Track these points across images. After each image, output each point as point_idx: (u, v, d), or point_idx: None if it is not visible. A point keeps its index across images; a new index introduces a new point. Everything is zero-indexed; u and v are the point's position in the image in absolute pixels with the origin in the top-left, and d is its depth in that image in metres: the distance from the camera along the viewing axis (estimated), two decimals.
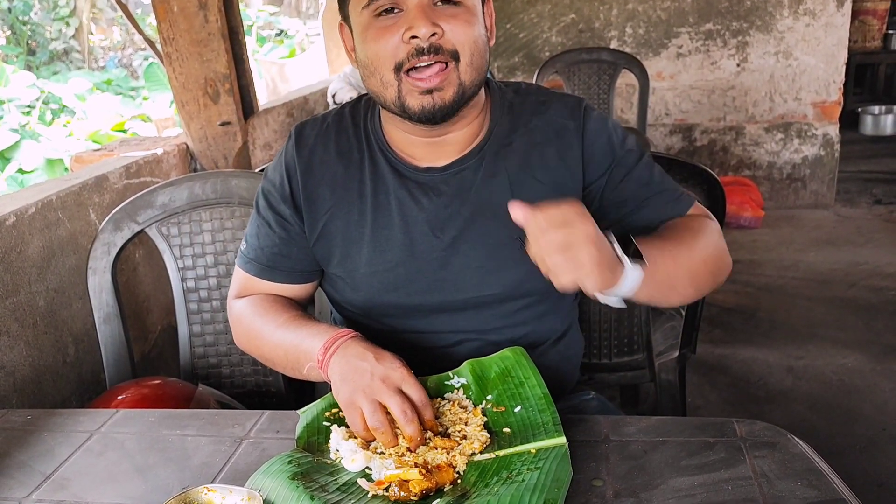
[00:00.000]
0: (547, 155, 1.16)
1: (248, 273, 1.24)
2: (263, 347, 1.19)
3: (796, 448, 0.95)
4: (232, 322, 1.26)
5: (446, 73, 1.05)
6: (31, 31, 14.34)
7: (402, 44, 1.04)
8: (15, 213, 1.62)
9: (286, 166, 1.20)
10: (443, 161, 1.16)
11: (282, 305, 1.21)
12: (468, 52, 1.06)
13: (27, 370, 1.63)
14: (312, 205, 1.18)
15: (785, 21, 4.28)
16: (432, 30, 1.02)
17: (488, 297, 1.18)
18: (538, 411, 1.00)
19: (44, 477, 1.00)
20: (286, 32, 14.62)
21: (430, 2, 1.04)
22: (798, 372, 2.77)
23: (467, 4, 1.06)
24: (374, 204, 1.16)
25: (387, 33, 1.04)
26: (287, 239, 1.21)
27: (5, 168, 7.41)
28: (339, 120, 1.21)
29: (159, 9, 2.15)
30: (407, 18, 1.03)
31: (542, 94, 1.21)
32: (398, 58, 1.05)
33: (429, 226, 1.15)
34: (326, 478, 0.94)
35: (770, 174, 4.57)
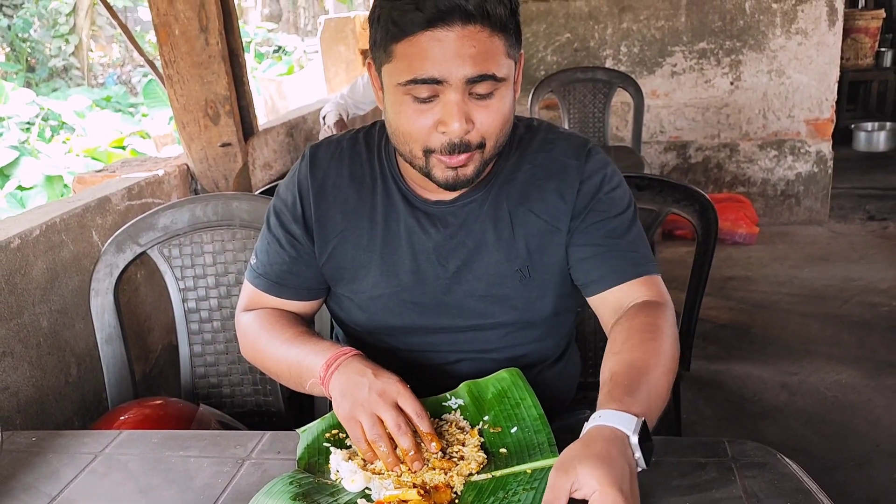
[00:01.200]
0: (546, 190, 1.18)
1: (256, 288, 1.27)
2: (268, 360, 1.22)
3: (786, 468, 0.97)
4: (239, 334, 1.29)
5: (471, 156, 1.07)
6: (31, 49, 14.41)
7: (435, 133, 1.05)
8: (20, 236, 1.65)
9: (299, 187, 1.22)
10: (451, 194, 1.18)
11: (287, 321, 1.23)
12: (494, 139, 1.08)
13: (31, 390, 1.65)
14: (323, 227, 1.21)
15: (777, 40, 4.34)
16: (465, 127, 1.04)
17: (488, 323, 1.21)
18: (534, 432, 1.02)
19: (49, 499, 1.02)
20: (284, 49, 14.71)
21: (464, 92, 1.03)
22: (792, 388, 2.79)
23: (502, 89, 1.06)
24: (385, 230, 1.19)
25: (421, 117, 1.05)
26: (296, 258, 1.23)
27: (5, 185, 7.43)
28: (354, 144, 1.24)
29: (161, 32, 2.19)
30: (442, 110, 1.04)
31: (552, 132, 1.23)
32: (429, 144, 1.06)
33: (435, 254, 1.19)
34: (327, 498, 0.96)
35: (764, 191, 4.61)
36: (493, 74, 1.02)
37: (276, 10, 18.74)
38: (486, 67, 1.02)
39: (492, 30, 1.01)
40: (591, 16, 4.52)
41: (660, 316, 1.10)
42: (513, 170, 1.20)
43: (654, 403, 0.96)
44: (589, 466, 0.81)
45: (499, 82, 1.04)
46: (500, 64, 1.03)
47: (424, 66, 1.01)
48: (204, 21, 2.16)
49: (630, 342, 1.05)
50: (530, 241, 1.18)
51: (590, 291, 1.18)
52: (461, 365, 1.24)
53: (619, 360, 1.02)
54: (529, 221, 1.18)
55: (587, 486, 0.81)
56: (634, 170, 3.09)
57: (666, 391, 1.01)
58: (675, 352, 1.07)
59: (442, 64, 1.00)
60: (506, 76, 1.05)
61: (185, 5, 2.14)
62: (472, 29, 1.00)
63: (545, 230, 1.18)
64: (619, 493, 0.80)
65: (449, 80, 1.01)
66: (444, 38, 1.00)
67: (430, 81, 1.02)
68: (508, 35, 1.04)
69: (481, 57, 1.01)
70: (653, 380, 0.98)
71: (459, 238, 1.18)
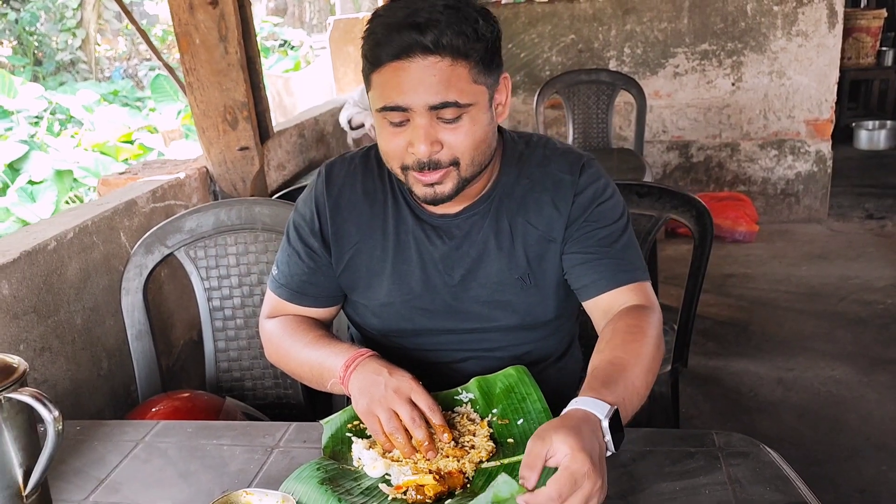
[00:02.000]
0: (542, 202, 1.27)
1: (279, 297, 1.36)
2: (291, 363, 1.32)
3: (767, 457, 1.07)
4: (264, 340, 1.39)
5: (446, 172, 1.16)
6: (38, 42, 14.48)
7: (407, 153, 1.16)
8: (56, 238, 1.75)
9: (316, 202, 1.32)
10: (455, 208, 1.27)
11: (308, 325, 1.33)
12: (468, 157, 1.16)
13: (66, 383, 1.76)
14: (339, 240, 1.31)
15: (778, 42, 4.42)
16: (431, 149, 1.13)
17: (493, 326, 1.30)
18: (539, 424, 1.11)
19: (98, 482, 1.12)
20: (290, 43, 14.77)
21: (431, 120, 1.12)
22: (787, 383, 2.89)
23: (470, 113, 1.14)
24: (396, 242, 1.29)
25: (395, 138, 1.16)
26: (315, 269, 1.33)
27: (15, 179, 7.51)
28: (366, 162, 1.33)
29: (182, 41, 2.29)
30: (411, 132, 1.13)
31: (549, 148, 1.31)
32: (404, 161, 1.17)
33: (442, 264, 1.28)
34: (351, 483, 1.06)
35: (764, 189, 4.70)
36: (456, 101, 1.11)
37: (282, 3, 18.77)
38: (448, 95, 1.10)
39: (452, 59, 1.10)
40: (596, 17, 4.61)
41: (644, 319, 1.18)
42: (512, 184, 1.28)
43: (629, 397, 1.04)
44: (563, 435, 0.90)
45: (463, 108, 1.12)
46: (463, 91, 1.11)
47: (391, 94, 1.11)
48: (223, 31, 2.25)
49: (613, 342, 1.14)
50: (529, 250, 1.27)
51: (583, 296, 1.27)
52: (467, 363, 1.33)
53: (601, 357, 1.11)
54: (528, 232, 1.27)
55: (560, 451, 0.89)
56: (637, 172, 3.19)
57: (644, 388, 1.09)
58: (656, 353, 1.14)
59: (406, 94, 1.10)
60: (472, 101, 1.13)
61: (206, 15, 2.24)
62: (433, 60, 1.09)
63: (542, 240, 1.27)
64: (588, 458, 0.88)
65: (413, 107, 1.11)
66: (406, 68, 1.09)
67: (398, 109, 1.12)
68: (473, 62, 1.12)
69: (442, 86, 1.10)
70: (630, 377, 1.06)
71: (464, 249, 1.28)
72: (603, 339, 1.17)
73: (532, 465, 0.90)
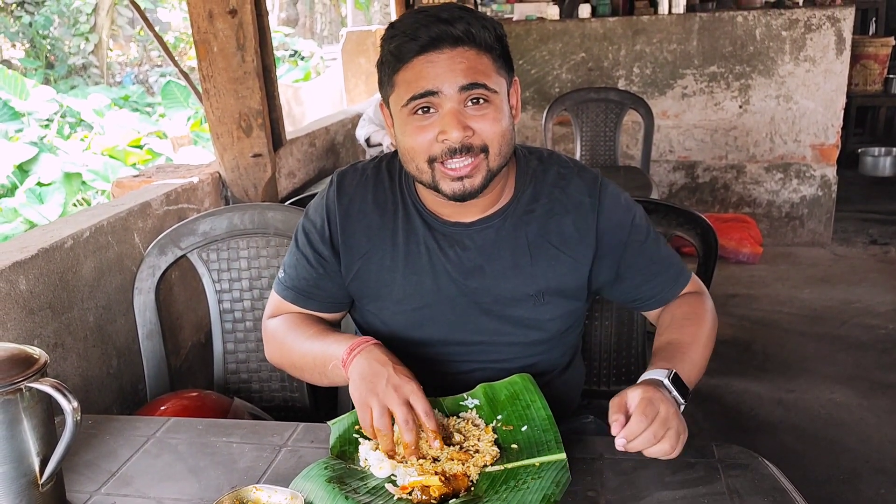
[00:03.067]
0: (564, 224, 1.29)
1: (284, 300, 1.38)
2: (293, 356, 1.33)
3: (766, 469, 1.09)
4: (266, 338, 1.40)
5: (476, 163, 1.18)
6: (51, 46, 14.61)
7: (436, 143, 1.18)
8: (72, 237, 1.79)
9: (327, 210, 1.33)
10: (469, 218, 1.29)
11: (312, 320, 1.35)
12: (497, 145, 1.19)
13: (77, 379, 1.78)
14: (349, 249, 1.32)
15: (786, 66, 4.46)
16: (463, 133, 1.16)
17: (502, 339, 1.32)
18: (542, 430, 1.14)
19: (109, 474, 1.15)
20: (300, 54, 14.88)
21: (460, 106, 1.16)
22: (788, 404, 2.90)
23: (495, 102, 1.18)
24: (406, 251, 1.30)
25: (422, 132, 1.18)
26: (323, 275, 1.34)
27: (24, 181, 7.55)
28: (377, 173, 1.35)
29: (200, 48, 2.33)
30: (440, 122, 1.16)
31: (563, 166, 1.34)
32: (432, 153, 1.18)
33: (454, 275, 1.29)
34: (358, 482, 1.08)
35: (769, 212, 4.73)
36: (485, 84, 1.16)
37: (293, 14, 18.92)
38: (478, 77, 1.15)
39: (478, 50, 1.16)
40: (606, 37, 4.66)
41: (699, 304, 1.36)
42: (530, 202, 1.30)
43: (688, 368, 1.20)
44: (634, 390, 1.10)
45: (491, 93, 1.17)
46: (491, 78, 1.17)
47: (420, 83, 1.15)
48: (241, 39, 2.29)
49: (672, 326, 1.31)
50: (548, 270, 1.29)
51: (641, 307, 1.41)
52: (474, 374, 1.34)
53: (661, 340, 1.29)
54: (549, 253, 1.29)
55: (633, 395, 1.08)
56: (643, 191, 3.22)
57: (702, 361, 1.28)
58: (711, 331, 1.33)
59: (435, 79, 1.14)
60: (497, 89, 1.18)
61: (225, 24, 2.28)
62: (461, 50, 1.15)
63: (563, 261, 1.29)
64: (657, 391, 1.09)
65: (443, 90, 1.15)
66: (436, 60, 1.15)
67: (426, 94, 1.15)
68: (495, 57, 1.19)
69: (472, 70, 1.15)
70: (688, 353, 1.24)
71: (477, 261, 1.29)
72: (662, 324, 1.34)
73: (618, 410, 1.08)
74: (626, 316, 1.78)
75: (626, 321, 1.79)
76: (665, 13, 4.61)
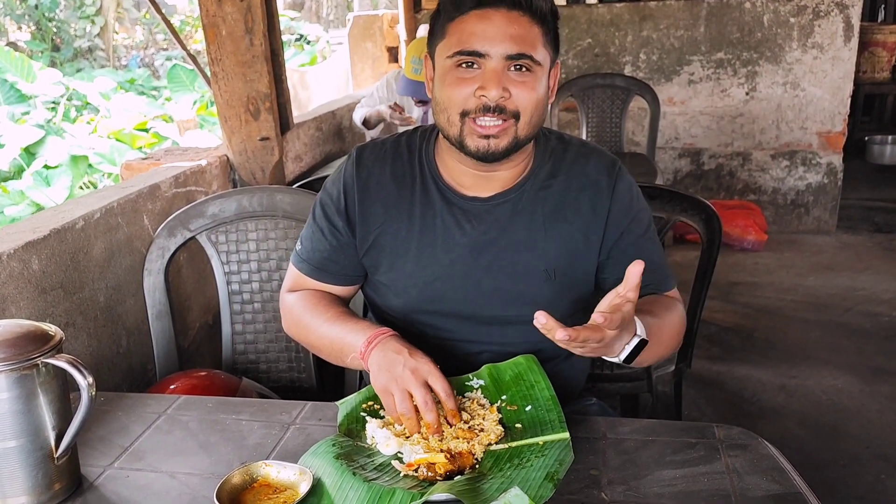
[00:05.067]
0: (580, 201, 1.31)
1: (300, 272, 1.41)
2: (311, 336, 1.36)
3: (765, 450, 1.11)
4: (283, 312, 1.43)
5: (505, 126, 1.21)
6: (57, 28, 14.60)
7: (473, 97, 1.20)
8: (83, 218, 1.81)
9: (344, 183, 1.36)
10: (487, 192, 1.31)
11: (328, 302, 1.38)
12: (529, 113, 1.22)
13: (88, 358, 1.81)
14: (365, 220, 1.35)
15: (793, 53, 4.45)
16: (501, 93, 1.19)
17: (512, 318, 1.34)
18: (546, 410, 1.17)
19: (122, 449, 1.17)
20: (306, 38, 14.84)
21: (504, 67, 1.19)
22: (790, 390, 2.92)
23: (537, 73, 1.21)
24: (422, 224, 1.33)
25: (462, 84, 1.20)
26: (337, 247, 1.37)
27: (31, 163, 7.58)
28: (396, 147, 1.37)
29: (209, 32, 2.34)
30: (482, 77, 1.19)
31: (583, 146, 1.37)
32: (467, 106, 1.21)
33: (468, 249, 1.31)
34: (365, 459, 1.10)
35: (774, 199, 4.73)
36: (531, 56, 1.19)
37: None
38: (525, 48, 1.18)
39: (532, 18, 1.19)
40: (613, 23, 4.65)
41: (676, 308, 1.35)
42: (547, 178, 1.33)
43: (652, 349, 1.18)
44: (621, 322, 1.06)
45: (535, 64, 1.20)
46: (538, 50, 1.20)
47: (471, 40, 1.18)
48: (249, 23, 2.31)
49: (656, 303, 1.31)
50: (562, 246, 1.31)
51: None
52: (481, 356, 1.35)
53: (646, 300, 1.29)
54: (563, 228, 1.31)
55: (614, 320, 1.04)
56: (648, 177, 3.23)
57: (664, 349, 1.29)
58: (680, 329, 1.34)
59: (486, 40, 1.18)
60: (541, 62, 1.21)
61: (233, 8, 2.29)
62: (516, 14, 1.18)
63: (576, 238, 1.32)
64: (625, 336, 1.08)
65: (490, 54, 1.18)
66: (491, 16, 1.18)
67: (474, 54, 1.19)
68: (547, 30, 1.22)
69: (521, 38, 1.18)
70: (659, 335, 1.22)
71: (492, 235, 1.31)
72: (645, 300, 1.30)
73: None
74: None
75: None
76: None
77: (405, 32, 5.03)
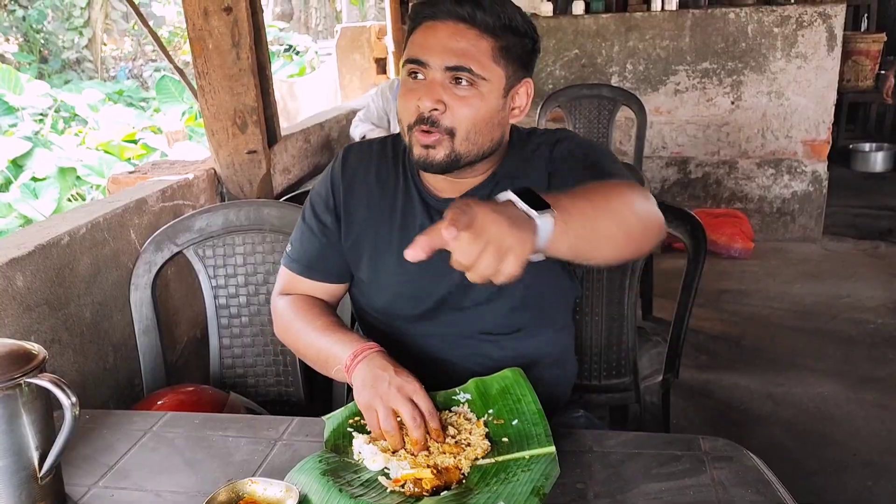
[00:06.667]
0: (531, 179, 1.32)
1: (291, 272, 1.43)
2: (299, 343, 1.38)
3: (750, 461, 1.12)
4: (274, 316, 1.45)
5: (438, 138, 1.23)
6: (45, 40, 14.56)
7: (414, 109, 1.23)
8: (69, 233, 1.80)
9: (332, 181, 1.40)
10: (457, 193, 1.34)
11: (319, 310, 1.39)
12: (464, 130, 1.23)
13: (74, 375, 1.80)
14: (350, 217, 1.38)
15: (778, 63, 4.49)
16: (433, 105, 1.21)
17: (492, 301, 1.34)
18: (532, 424, 1.17)
19: (107, 468, 1.17)
20: (295, 48, 14.86)
21: (444, 79, 1.22)
22: (777, 398, 2.94)
23: (481, 88, 1.22)
24: (402, 224, 1.36)
25: (409, 96, 1.24)
26: (327, 244, 1.40)
27: (18, 176, 7.55)
28: (382, 149, 1.41)
29: (195, 45, 2.34)
30: (422, 88, 1.22)
31: (546, 134, 1.38)
32: (410, 119, 1.25)
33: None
34: (351, 475, 1.10)
35: (761, 207, 4.76)
36: (471, 69, 1.20)
37: (288, 9, 18.87)
38: (465, 61, 1.20)
39: (480, 32, 1.20)
40: (599, 33, 4.67)
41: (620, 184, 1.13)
42: (514, 169, 1.35)
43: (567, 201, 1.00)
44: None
45: (477, 79, 1.21)
46: (483, 65, 1.20)
47: (416, 49, 1.23)
48: (236, 37, 2.31)
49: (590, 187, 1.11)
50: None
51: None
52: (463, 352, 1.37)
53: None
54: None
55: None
56: None
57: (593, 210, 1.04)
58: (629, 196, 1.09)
59: (427, 50, 1.21)
60: (486, 77, 1.21)
61: (220, 22, 2.30)
62: (463, 27, 1.20)
63: None
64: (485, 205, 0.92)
65: (430, 63, 1.21)
66: (437, 28, 1.21)
67: (416, 62, 1.22)
68: (499, 45, 1.22)
69: (462, 51, 1.20)
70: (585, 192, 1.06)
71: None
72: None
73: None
74: (616, 311, 1.81)
75: (616, 317, 1.82)
76: (658, 9, 4.62)
77: (392, 44, 5.05)
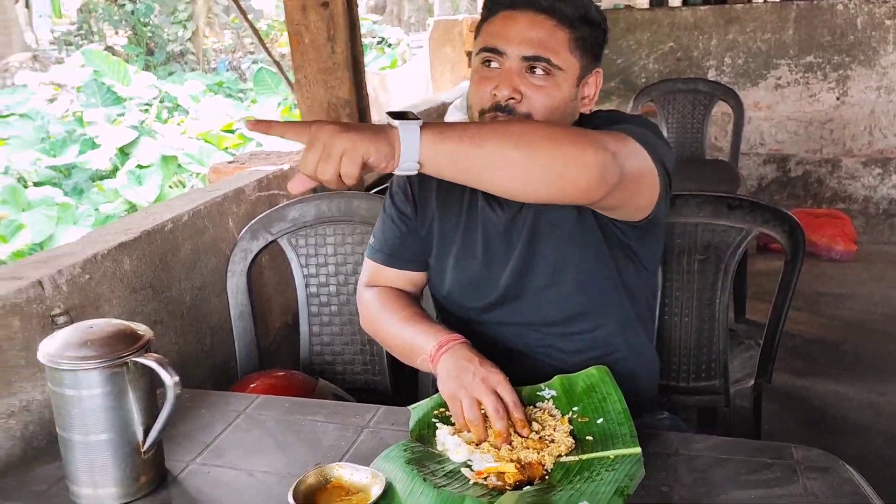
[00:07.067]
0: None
1: (375, 262, 1.47)
2: (384, 334, 1.41)
3: (846, 473, 1.07)
4: (360, 308, 1.48)
5: None
6: (151, 33, 15.23)
7: (489, 96, 1.24)
8: (172, 220, 1.90)
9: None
10: None
11: (403, 301, 1.42)
12: (541, 118, 1.23)
13: (174, 355, 1.89)
14: (424, 208, 1.42)
15: (889, 57, 4.27)
16: (511, 94, 1.22)
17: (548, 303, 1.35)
18: (618, 424, 1.16)
19: (204, 446, 1.22)
20: (387, 41, 15.06)
21: (520, 68, 1.23)
22: (878, 407, 2.80)
23: (557, 78, 1.23)
24: (468, 215, 1.38)
25: (483, 83, 1.26)
26: (406, 232, 1.43)
27: (125, 163, 7.92)
28: None
29: (293, 40, 2.41)
30: (498, 77, 1.23)
31: (601, 116, 1.35)
32: (483, 105, 1.26)
33: (502, 232, 1.35)
34: (435, 465, 1.12)
35: (865, 208, 4.54)
36: (549, 59, 1.21)
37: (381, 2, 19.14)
38: (542, 51, 1.21)
39: (558, 23, 1.22)
40: (696, 26, 4.55)
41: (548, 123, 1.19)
42: None
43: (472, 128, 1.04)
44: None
45: (554, 69, 1.22)
46: (559, 54, 1.22)
47: (493, 39, 1.24)
48: (331, 31, 2.37)
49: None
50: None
51: None
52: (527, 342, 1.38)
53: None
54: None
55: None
56: (729, 184, 3.15)
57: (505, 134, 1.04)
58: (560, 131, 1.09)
59: (506, 39, 1.22)
60: (563, 67, 1.23)
61: (317, 17, 2.36)
62: (541, 17, 1.22)
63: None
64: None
65: (508, 53, 1.22)
66: (515, 18, 1.23)
67: (493, 51, 1.23)
68: (575, 35, 1.23)
69: (540, 42, 1.21)
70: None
71: (520, 219, 1.33)
72: None
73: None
74: (707, 312, 1.76)
75: (707, 318, 1.78)
76: (760, 1, 4.47)
77: None
